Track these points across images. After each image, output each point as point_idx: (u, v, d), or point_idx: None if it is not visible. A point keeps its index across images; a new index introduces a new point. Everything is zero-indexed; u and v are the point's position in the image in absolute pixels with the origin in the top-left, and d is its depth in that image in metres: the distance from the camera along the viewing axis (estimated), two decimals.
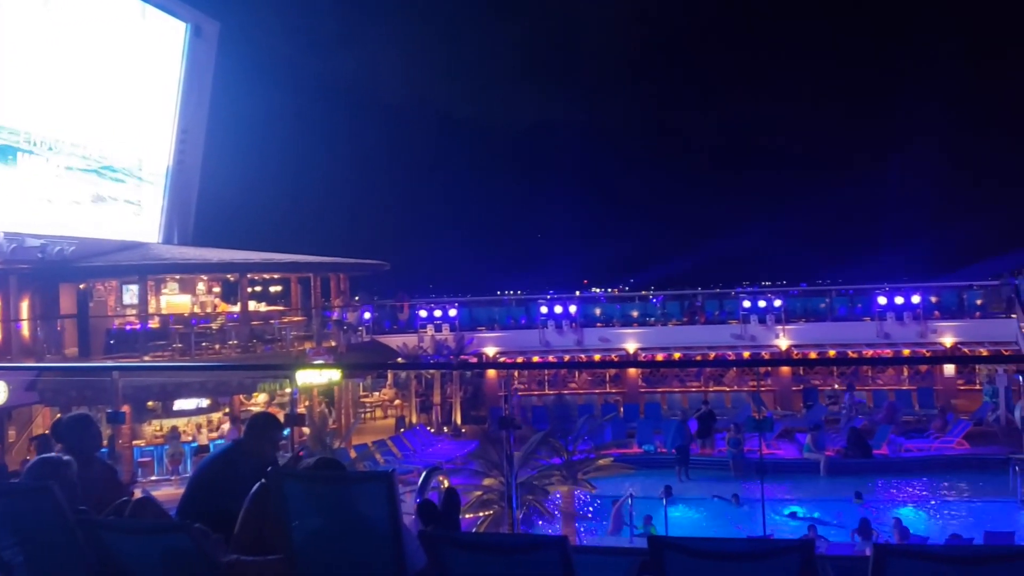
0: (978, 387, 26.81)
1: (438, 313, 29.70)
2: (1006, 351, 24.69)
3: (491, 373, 27.34)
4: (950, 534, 15.04)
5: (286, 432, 6.17)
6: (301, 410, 20.29)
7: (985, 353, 25.94)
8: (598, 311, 31.58)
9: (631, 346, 28.73)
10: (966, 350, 26.18)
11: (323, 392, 24.78)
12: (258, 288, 32.15)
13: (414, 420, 27.68)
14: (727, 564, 3.40)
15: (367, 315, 30.24)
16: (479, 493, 13.86)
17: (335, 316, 25.85)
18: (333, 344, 24.43)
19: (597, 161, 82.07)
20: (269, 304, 30.01)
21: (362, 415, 27.91)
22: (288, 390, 20.25)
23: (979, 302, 28.30)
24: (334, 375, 21.24)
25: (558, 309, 29.12)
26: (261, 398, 23.12)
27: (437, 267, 67.41)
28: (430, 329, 29.30)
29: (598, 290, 44.68)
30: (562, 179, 72.75)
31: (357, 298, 32.97)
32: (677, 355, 28.36)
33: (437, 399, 28.23)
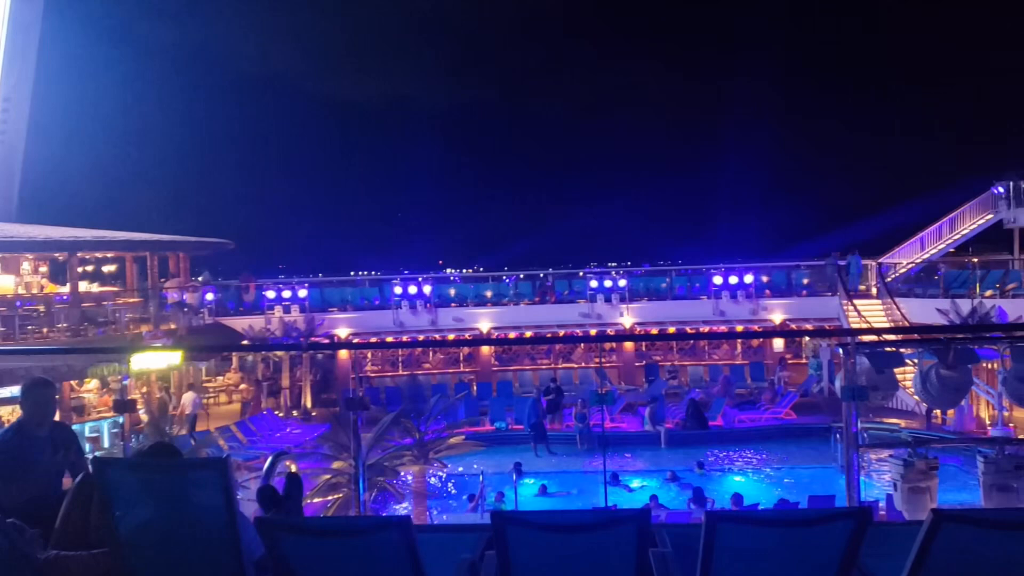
0: (804, 360, 28.72)
1: (287, 294, 28.93)
2: (828, 326, 26.56)
3: (343, 354, 26.87)
4: (778, 499, 16.11)
5: (120, 420, 5.84)
6: (135, 396, 19.30)
7: (810, 328, 27.82)
8: (452, 291, 31.67)
9: (485, 325, 28.99)
10: (793, 326, 28.07)
11: (162, 377, 23.67)
12: (90, 267, 30.25)
13: (261, 404, 26.90)
14: (568, 536, 3.50)
15: (209, 296, 29.07)
16: (328, 477, 13.65)
17: (174, 297, 24.68)
18: (173, 327, 23.37)
19: (454, 140, 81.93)
20: (102, 284, 28.30)
21: (204, 400, 26.86)
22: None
23: (805, 281, 30.26)
24: (174, 359, 20.32)
25: (412, 289, 28.97)
26: (93, 384, 21.84)
27: (289, 247, 65.58)
28: (278, 310, 28.50)
29: (453, 271, 44.70)
30: (420, 158, 72.12)
31: (199, 278, 31.61)
32: (529, 334, 28.89)
33: (286, 382, 27.53)
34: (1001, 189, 30.13)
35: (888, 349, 6.75)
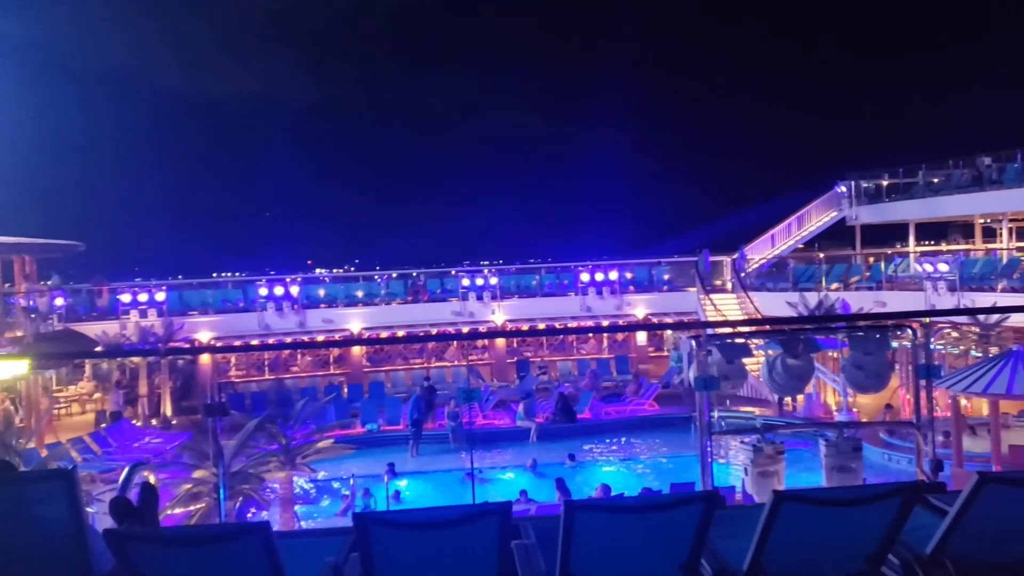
0: (666, 353, 29.80)
1: (143, 297, 27.61)
2: (687, 320, 27.66)
3: (204, 359, 25.90)
4: (643, 487, 16.68)
5: None
6: None
7: (670, 321, 28.92)
8: (322, 292, 31.07)
9: (355, 326, 28.61)
10: (655, 320, 29.11)
11: (7, 388, 22.19)
12: None
13: (118, 414, 25.60)
14: (430, 533, 3.54)
15: (59, 301, 27.43)
16: (189, 487, 13.17)
17: (20, 302, 23.19)
18: (19, 333, 21.94)
19: (322, 138, 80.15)
20: None
21: (56, 411, 25.35)
22: None
23: (666, 277, 31.39)
24: (20, 367, 19.09)
25: (279, 291, 28.22)
26: None
27: (146, 248, 62.46)
28: (134, 315, 27.18)
29: (323, 271, 43.78)
30: (287, 156, 70.07)
31: (48, 282, 29.79)
32: (401, 333, 28.73)
33: (144, 390, 26.32)
34: (843, 188, 32.23)
35: (738, 341, 7.14)
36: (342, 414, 23.86)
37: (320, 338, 28.39)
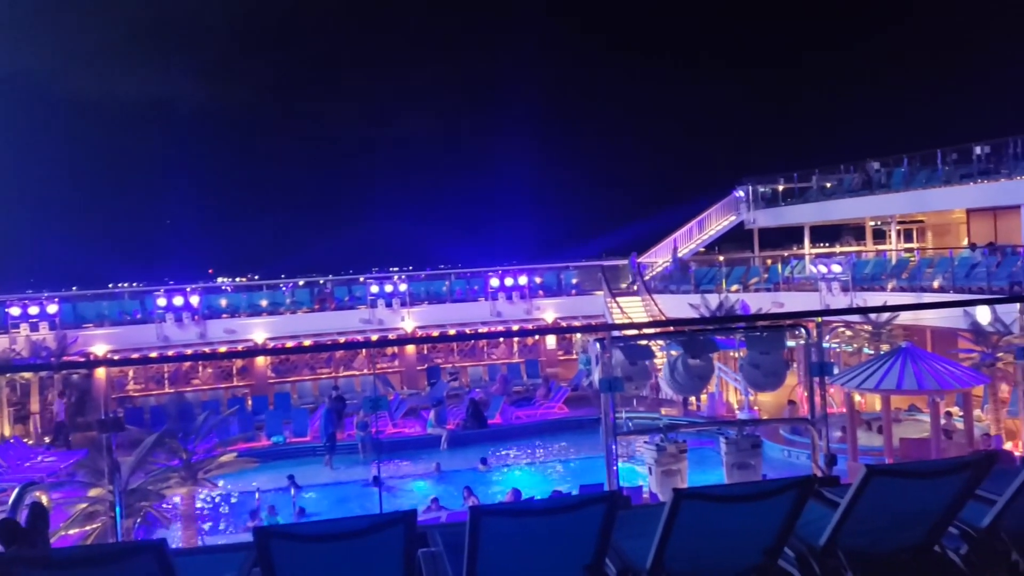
0: (575, 357, 30.15)
1: (34, 310, 26.34)
2: (594, 323, 28.08)
3: (100, 373, 24.85)
4: (553, 490, 16.81)
5: None
6: None
7: (578, 324, 29.31)
8: (224, 302, 30.23)
9: (259, 336, 27.95)
10: (563, 323, 29.44)
11: None
12: None
13: (7, 432, 24.34)
14: (334, 544, 3.48)
15: None
16: (84, 506, 12.62)
17: None
18: None
19: (225, 143, 77.96)
20: None
21: None
22: None
23: (575, 281, 31.78)
24: None
25: (178, 301, 27.35)
26: None
27: (37, 259, 59.53)
28: (24, 328, 25.92)
29: (225, 280, 42.55)
30: (187, 162, 67.87)
31: None
32: (307, 343, 28.19)
33: (36, 407, 25.09)
34: (741, 193, 33.28)
35: (641, 343, 7.28)
36: (246, 427, 23.29)
37: (222, 349, 27.64)
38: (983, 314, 18.61)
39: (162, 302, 27.28)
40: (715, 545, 3.93)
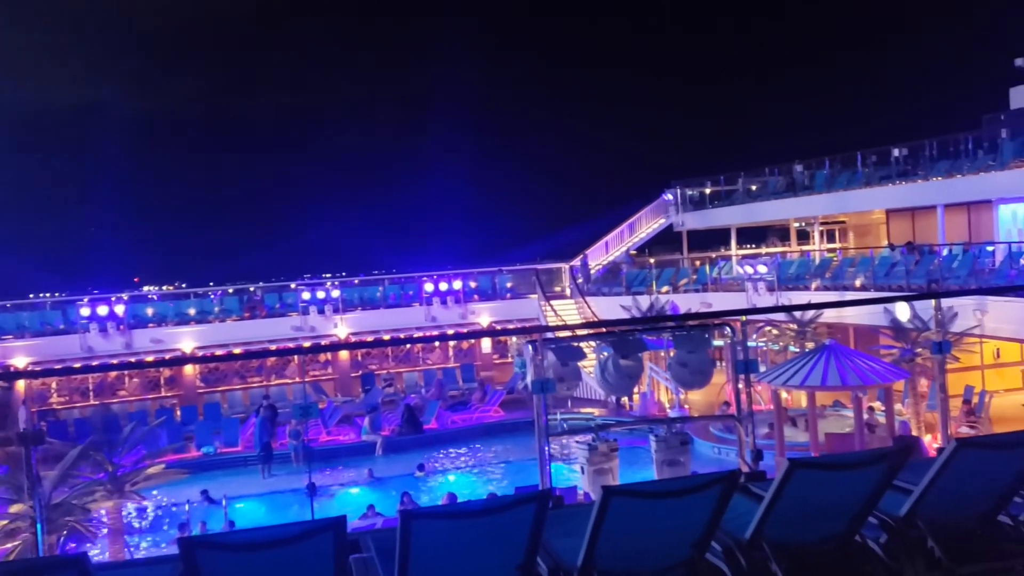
0: (510, 360, 30.23)
1: None
2: (528, 325, 28.22)
3: (20, 386, 23.96)
4: (489, 493, 16.83)
5: None
6: None
7: (512, 327, 29.42)
8: (150, 311, 29.46)
9: (188, 345, 27.33)
10: (498, 327, 29.51)
11: None
12: None
13: None
14: (262, 552, 3.44)
15: None
16: (5, 523, 12.18)
17: None
18: None
19: (151, 150, 76.04)
20: None
21: None
22: None
23: (509, 285, 31.88)
24: None
25: (102, 310, 26.58)
26: None
27: None
28: None
29: (152, 288, 41.47)
30: (112, 169, 65.96)
31: None
32: (237, 351, 27.65)
33: None
34: (670, 196, 33.87)
35: (572, 344, 7.36)
36: (175, 438, 22.73)
37: (149, 359, 26.95)
38: (902, 311, 19.28)
39: (86, 312, 26.50)
40: (644, 541, 3.99)
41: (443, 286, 29.63)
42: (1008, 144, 23.79)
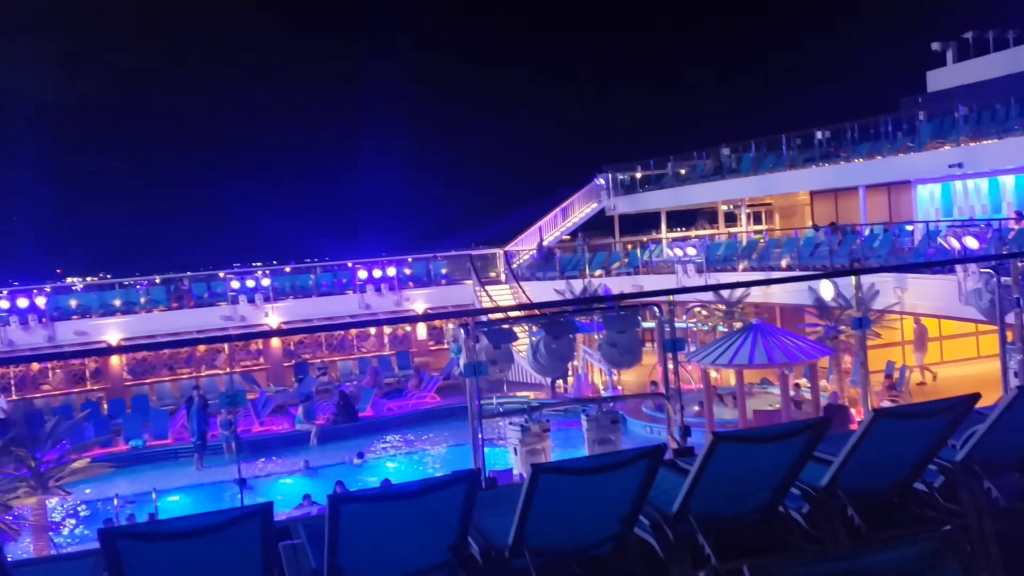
0: (446, 346, 30.18)
1: None
2: (460, 309, 28.22)
3: None
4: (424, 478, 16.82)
5: None
6: None
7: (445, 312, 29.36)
8: (74, 302, 28.57)
9: (113, 337, 26.58)
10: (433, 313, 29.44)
11: None
12: None
13: None
14: (186, 542, 3.38)
15: None
16: None
17: None
18: None
19: (71, 137, 73.33)
20: None
21: None
22: None
23: (444, 271, 31.79)
24: None
25: (23, 302, 25.70)
26: None
27: None
28: None
29: (75, 279, 40.18)
30: (30, 156, 63.47)
31: None
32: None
33: None
34: (602, 181, 34.15)
35: (504, 327, 7.40)
36: (102, 431, 22.12)
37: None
38: (826, 290, 19.82)
39: (5, 304, 25.60)
40: (574, 517, 4.04)
41: (377, 273, 29.36)
42: (925, 126, 24.60)
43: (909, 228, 23.20)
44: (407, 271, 30.60)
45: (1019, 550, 4.52)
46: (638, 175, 34.63)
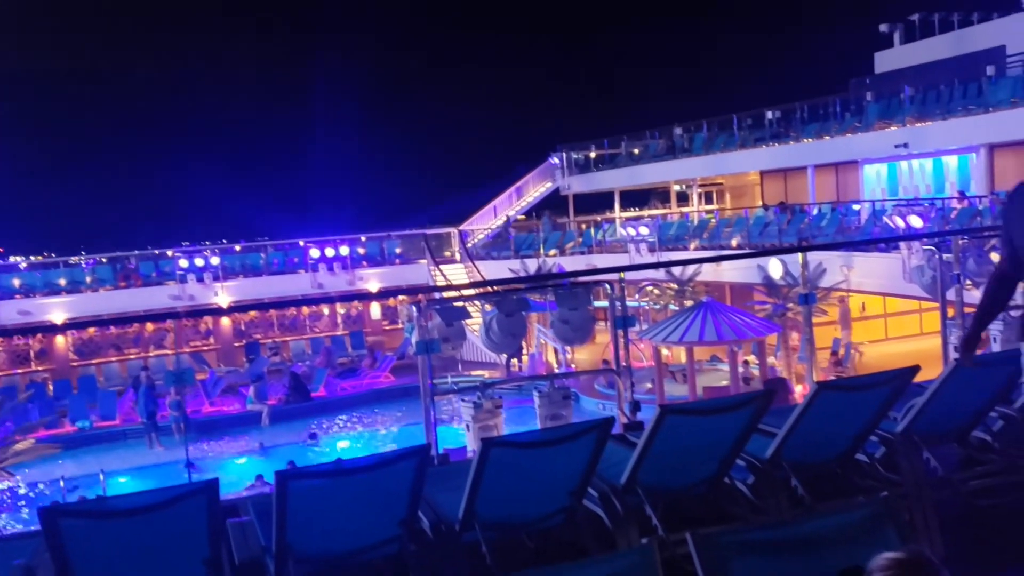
0: (400, 326, 30.06)
1: None
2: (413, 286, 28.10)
3: None
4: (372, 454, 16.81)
5: None
6: None
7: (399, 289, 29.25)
8: (16, 281, 27.87)
9: (58, 316, 25.98)
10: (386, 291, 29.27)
11: None
12: None
13: None
14: (130, 520, 3.34)
15: None
16: None
17: None
18: None
19: (13, 112, 70.88)
20: None
21: None
22: None
23: (398, 250, 31.60)
24: None
25: None
26: None
27: None
28: None
29: (18, 258, 39.15)
30: None
31: None
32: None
33: None
34: (556, 160, 34.17)
35: (457, 304, 7.40)
36: (47, 412, 21.66)
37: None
38: (775, 269, 20.16)
39: None
40: (523, 490, 4.08)
41: (330, 252, 29.05)
42: (873, 107, 25.00)
43: (856, 207, 23.64)
44: (360, 250, 30.35)
45: (956, 519, 4.66)
46: (592, 154, 34.69)
